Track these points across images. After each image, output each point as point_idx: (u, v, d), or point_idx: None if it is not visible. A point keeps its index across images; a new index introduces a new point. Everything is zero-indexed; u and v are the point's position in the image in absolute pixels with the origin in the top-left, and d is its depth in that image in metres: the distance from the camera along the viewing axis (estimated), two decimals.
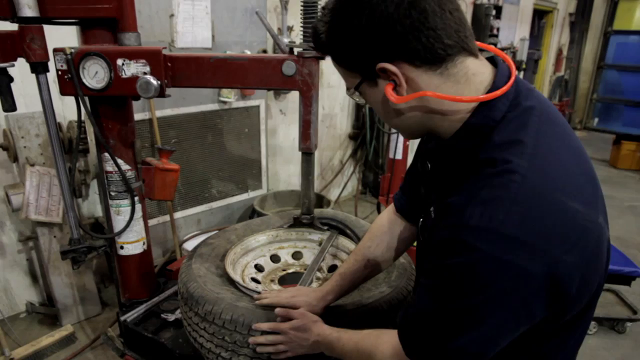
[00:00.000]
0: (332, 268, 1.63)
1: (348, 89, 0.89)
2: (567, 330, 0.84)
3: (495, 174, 0.73)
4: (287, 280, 1.64)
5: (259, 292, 1.34)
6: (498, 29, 6.72)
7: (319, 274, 1.60)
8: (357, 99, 0.92)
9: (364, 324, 1.08)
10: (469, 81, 0.79)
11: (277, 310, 1.18)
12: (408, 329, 0.85)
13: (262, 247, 1.73)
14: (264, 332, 1.19)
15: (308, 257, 1.72)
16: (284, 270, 1.67)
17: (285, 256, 1.73)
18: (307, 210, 1.73)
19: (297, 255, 1.74)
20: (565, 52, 9.73)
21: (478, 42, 0.85)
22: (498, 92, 0.77)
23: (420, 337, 0.82)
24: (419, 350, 0.83)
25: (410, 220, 1.24)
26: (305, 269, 1.55)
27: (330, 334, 1.08)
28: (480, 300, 0.72)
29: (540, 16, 8.73)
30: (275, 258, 1.72)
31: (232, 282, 1.45)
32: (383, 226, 1.29)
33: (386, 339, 0.90)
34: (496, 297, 0.71)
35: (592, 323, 3.06)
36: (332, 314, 1.26)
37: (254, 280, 1.60)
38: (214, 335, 1.26)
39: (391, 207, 1.30)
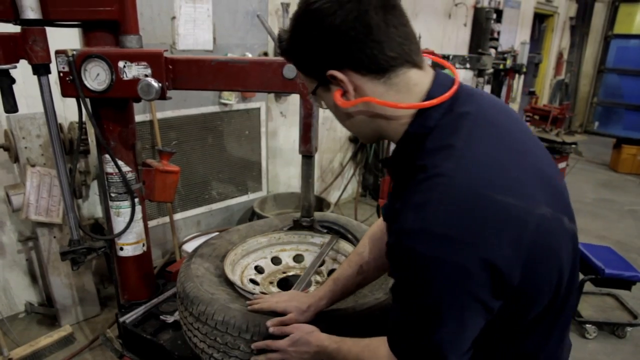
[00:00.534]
0: (332, 272, 1.63)
1: (308, 93, 0.96)
2: (543, 327, 0.87)
3: (425, 179, 0.78)
4: (286, 282, 1.64)
5: (253, 294, 1.35)
6: (499, 33, 6.74)
7: (318, 278, 1.60)
8: (317, 103, 0.98)
9: (359, 330, 1.08)
10: (410, 91, 0.85)
11: (271, 329, 1.17)
12: (392, 334, 0.90)
13: (263, 249, 1.73)
14: (260, 351, 1.17)
15: (309, 261, 1.72)
16: (284, 272, 1.67)
17: (287, 259, 1.73)
18: (307, 213, 1.74)
19: (298, 258, 1.74)
20: (565, 56, 9.74)
21: (430, 55, 0.91)
22: (434, 101, 0.84)
23: (402, 339, 0.87)
24: (406, 352, 0.87)
25: None
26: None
27: (329, 345, 1.08)
28: (433, 297, 0.77)
29: (540, 20, 8.74)
30: (276, 260, 1.72)
31: (229, 283, 1.45)
32: (377, 232, 1.29)
33: (383, 349, 0.92)
34: (444, 293, 0.76)
35: (592, 327, 3.05)
36: (328, 319, 1.25)
37: (253, 281, 1.60)
38: (207, 335, 1.27)
39: None
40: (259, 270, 1.67)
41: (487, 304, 0.78)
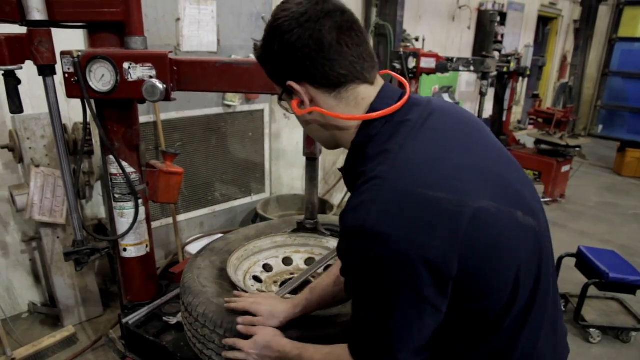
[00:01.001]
0: None
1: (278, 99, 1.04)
2: (511, 325, 0.87)
3: (363, 183, 0.84)
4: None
5: (246, 292, 1.38)
6: (502, 36, 6.73)
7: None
8: (283, 108, 1.09)
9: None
10: (358, 104, 0.93)
11: (239, 326, 1.21)
12: (351, 339, 0.93)
13: (277, 248, 1.73)
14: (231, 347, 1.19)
15: None
16: (292, 274, 1.67)
17: (298, 261, 1.73)
18: (311, 215, 1.74)
19: (310, 262, 1.73)
20: (569, 59, 9.71)
21: (389, 72, 1.06)
22: (376, 114, 0.90)
23: (359, 342, 0.91)
24: (363, 354, 0.91)
25: None
26: (313, 277, 1.54)
27: (291, 350, 1.09)
28: (376, 293, 0.82)
29: (544, 23, 8.73)
30: (287, 261, 1.72)
31: (228, 277, 1.47)
32: None
33: (345, 356, 0.93)
34: (385, 289, 0.80)
35: (596, 332, 3.04)
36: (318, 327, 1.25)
37: (256, 278, 1.60)
38: (191, 326, 1.33)
39: None
40: (267, 268, 1.67)
41: (430, 300, 0.80)
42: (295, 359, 1.07)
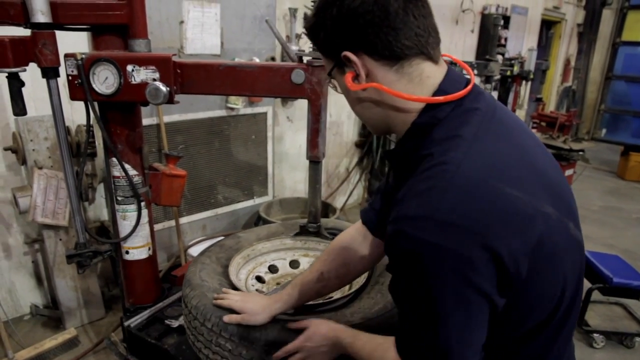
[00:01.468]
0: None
1: (326, 74, 0.96)
2: (545, 336, 0.86)
3: (431, 167, 0.77)
4: None
5: (239, 289, 1.40)
6: (506, 39, 6.72)
7: None
8: (331, 85, 1.00)
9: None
10: (422, 82, 0.85)
11: (290, 324, 1.20)
12: (399, 337, 0.88)
13: (287, 250, 1.74)
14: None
15: None
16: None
17: (306, 264, 1.72)
18: (314, 219, 1.73)
19: None
20: (573, 63, 9.70)
21: (449, 55, 0.95)
22: (446, 98, 0.82)
23: (408, 341, 0.85)
24: (413, 355, 0.85)
25: (381, 236, 1.21)
26: None
27: (344, 337, 1.07)
28: (436, 288, 0.74)
29: (548, 26, 8.71)
30: (294, 264, 1.72)
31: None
32: (343, 241, 1.28)
33: (392, 352, 0.90)
34: (447, 283, 0.73)
35: (600, 337, 3.02)
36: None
37: (259, 278, 1.61)
38: (186, 317, 1.37)
39: (358, 222, 1.28)
40: (272, 270, 1.67)
41: (491, 297, 0.75)
42: (347, 347, 1.05)
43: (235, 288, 1.41)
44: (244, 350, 1.20)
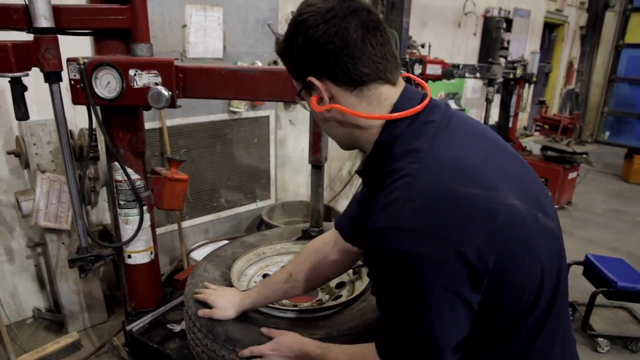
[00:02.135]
0: (340, 285, 1.61)
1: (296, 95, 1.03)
2: (529, 330, 0.86)
3: (394, 181, 0.83)
4: None
5: (232, 286, 1.44)
6: (509, 42, 6.72)
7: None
8: (301, 104, 1.09)
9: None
10: (380, 104, 0.92)
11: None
12: (379, 339, 0.92)
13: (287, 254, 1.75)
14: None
15: None
16: None
17: None
18: (316, 223, 1.72)
19: None
20: (576, 65, 9.68)
21: (406, 74, 1.04)
22: (400, 114, 0.89)
23: (389, 343, 0.88)
24: (394, 356, 0.89)
25: (353, 242, 1.25)
26: None
27: (312, 350, 1.09)
28: (411, 292, 0.80)
29: (550, 29, 8.71)
30: None
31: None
32: (315, 246, 1.33)
33: (371, 357, 0.92)
34: (421, 287, 0.78)
35: (604, 341, 2.99)
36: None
37: (265, 277, 1.62)
38: (183, 303, 1.43)
39: (333, 228, 1.31)
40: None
41: (465, 297, 0.79)
42: (318, 359, 1.06)
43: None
44: (209, 342, 1.25)
